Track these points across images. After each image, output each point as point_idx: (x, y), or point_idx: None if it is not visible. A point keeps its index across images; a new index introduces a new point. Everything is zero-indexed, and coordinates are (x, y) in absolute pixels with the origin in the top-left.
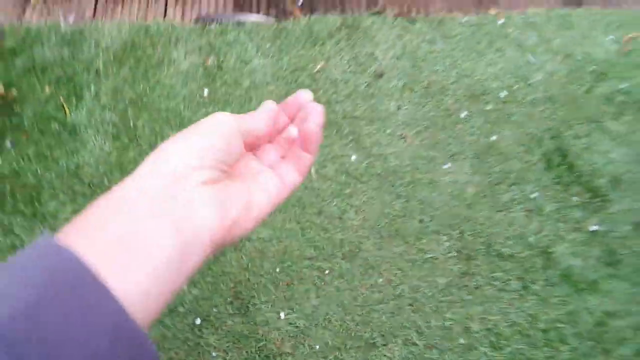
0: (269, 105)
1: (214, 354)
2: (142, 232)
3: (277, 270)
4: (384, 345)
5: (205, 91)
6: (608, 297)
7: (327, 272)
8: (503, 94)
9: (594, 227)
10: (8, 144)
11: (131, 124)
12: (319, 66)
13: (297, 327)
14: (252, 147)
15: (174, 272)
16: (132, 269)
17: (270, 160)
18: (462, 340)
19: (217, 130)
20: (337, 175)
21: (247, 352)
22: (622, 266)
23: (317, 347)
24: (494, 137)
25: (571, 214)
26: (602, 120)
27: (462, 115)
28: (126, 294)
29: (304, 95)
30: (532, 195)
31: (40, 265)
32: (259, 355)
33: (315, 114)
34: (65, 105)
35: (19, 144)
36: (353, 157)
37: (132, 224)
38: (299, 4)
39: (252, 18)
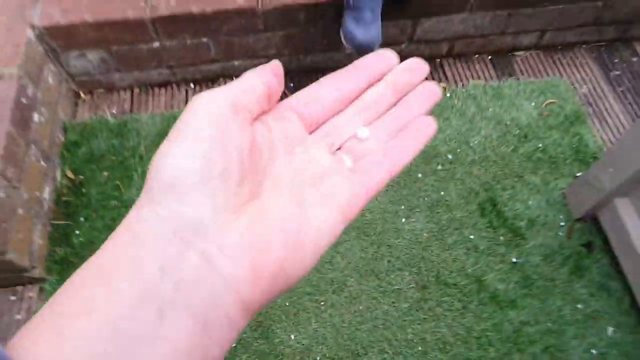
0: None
1: None
2: (128, 326)
3: (287, 303)
4: (365, 354)
5: None
6: (523, 311)
7: (322, 303)
8: (450, 156)
9: (515, 259)
10: (82, 219)
11: None
12: None
13: (303, 345)
14: (262, 115)
15: None
16: None
17: (341, 139)
18: (420, 348)
19: (204, 118)
20: None
21: None
22: (534, 288)
23: (318, 358)
24: (442, 193)
25: (498, 250)
26: (524, 175)
27: (419, 175)
28: None
29: (390, 55)
30: (470, 237)
31: None
32: None
33: (429, 86)
34: (120, 186)
35: (90, 219)
36: None
37: (112, 322)
38: (290, 86)
39: None
